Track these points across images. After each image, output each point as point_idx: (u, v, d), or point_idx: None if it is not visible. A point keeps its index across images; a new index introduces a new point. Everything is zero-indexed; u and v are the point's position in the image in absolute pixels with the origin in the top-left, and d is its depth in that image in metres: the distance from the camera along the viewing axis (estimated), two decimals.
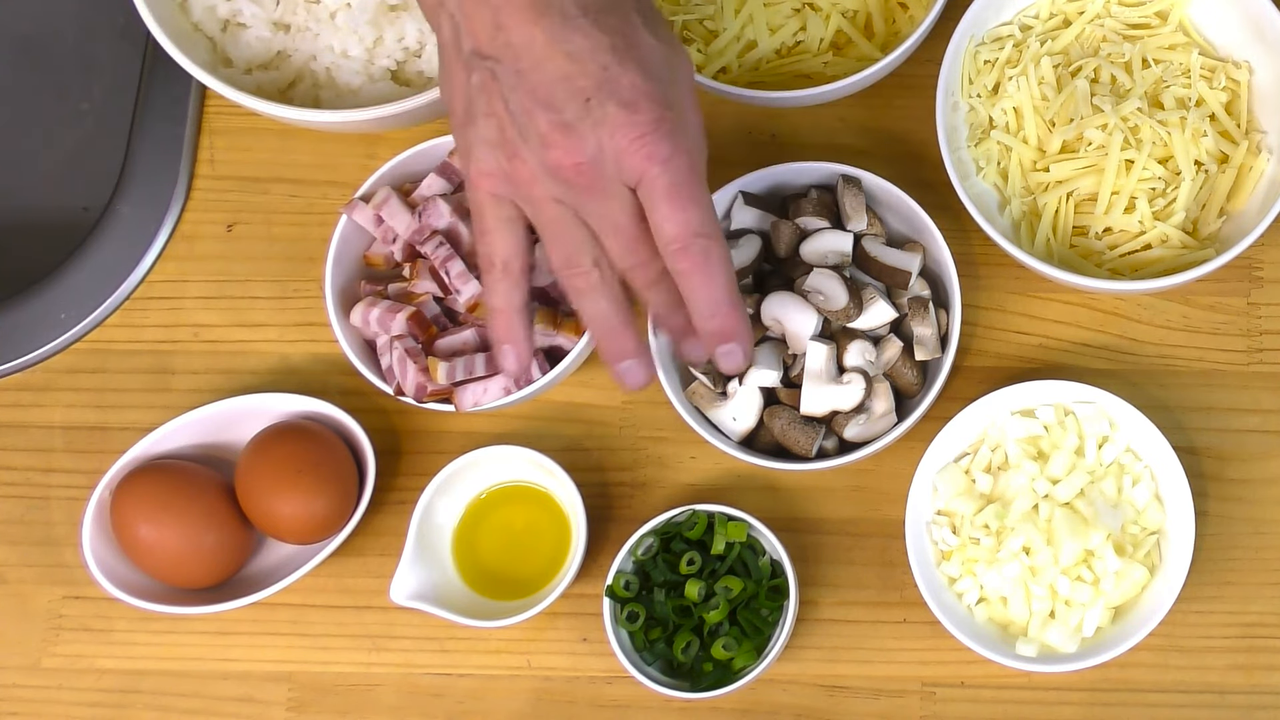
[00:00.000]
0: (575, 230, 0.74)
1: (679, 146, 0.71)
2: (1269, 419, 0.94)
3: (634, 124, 0.70)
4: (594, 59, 0.70)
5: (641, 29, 0.72)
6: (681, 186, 0.71)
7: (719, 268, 0.73)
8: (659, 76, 0.71)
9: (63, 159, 1.09)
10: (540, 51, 0.70)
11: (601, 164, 0.71)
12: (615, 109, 0.70)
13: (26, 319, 0.98)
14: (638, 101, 0.70)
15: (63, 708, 0.93)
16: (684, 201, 0.72)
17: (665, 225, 0.72)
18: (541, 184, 0.72)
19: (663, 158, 0.70)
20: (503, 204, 0.74)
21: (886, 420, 0.89)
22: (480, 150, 0.72)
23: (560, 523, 0.93)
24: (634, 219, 0.73)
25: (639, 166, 0.71)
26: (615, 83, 0.70)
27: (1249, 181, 0.92)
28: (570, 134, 0.70)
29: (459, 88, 0.72)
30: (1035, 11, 0.96)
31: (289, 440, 0.91)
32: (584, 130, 0.70)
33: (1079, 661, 0.87)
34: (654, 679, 0.88)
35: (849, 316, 0.88)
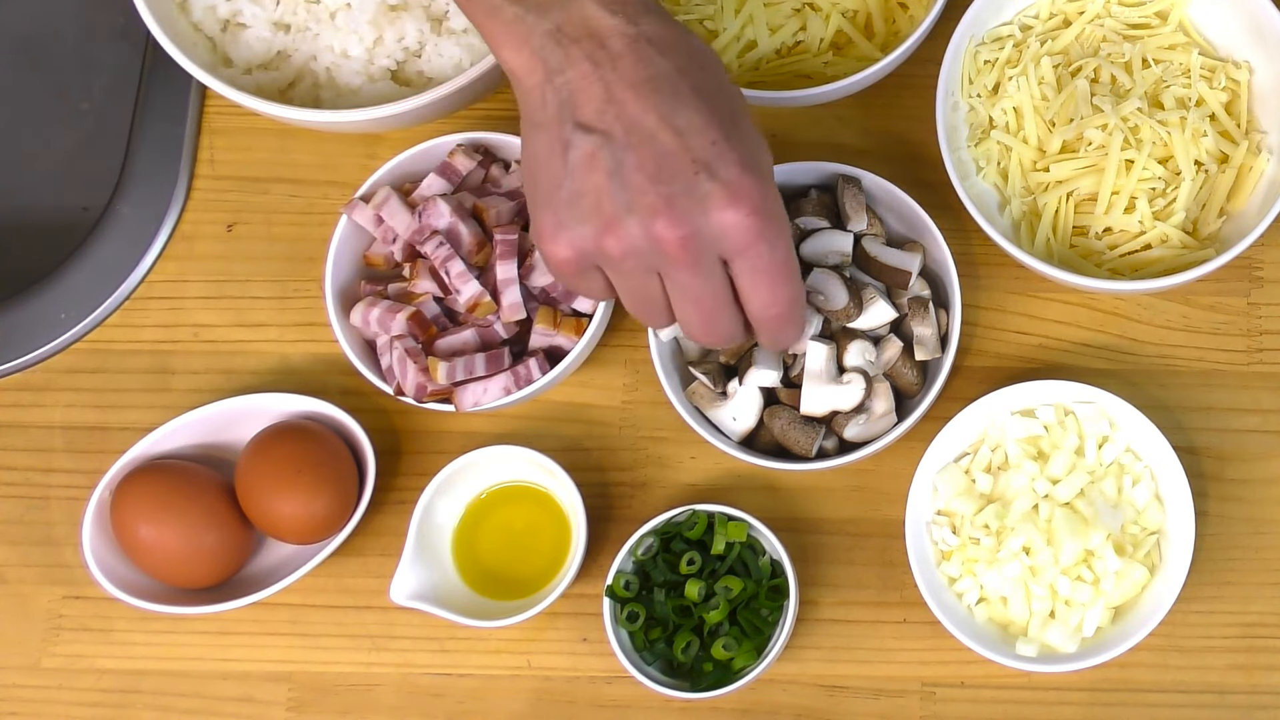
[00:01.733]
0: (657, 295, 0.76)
1: (782, 228, 0.73)
2: (1269, 419, 0.94)
3: (742, 201, 0.71)
4: (704, 135, 0.71)
5: (741, 116, 0.73)
6: (784, 265, 0.74)
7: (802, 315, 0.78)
8: (760, 159, 0.73)
9: (63, 159, 1.09)
10: (651, 126, 0.71)
11: (704, 238, 0.72)
12: (722, 186, 0.71)
13: (26, 319, 0.98)
14: (745, 179, 0.71)
15: (63, 708, 0.93)
16: (784, 278, 0.74)
17: (761, 300, 0.75)
18: (637, 257, 0.73)
19: (770, 237, 0.72)
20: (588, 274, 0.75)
21: (886, 420, 0.89)
22: (572, 223, 0.72)
23: (560, 523, 0.93)
24: (719, 295, 0.75)
25: (743, 243, 0.72)
26: (723, 159, 0.71)
27: (1249, 181, 0.92)
28: (675, 208, 0.71)
29: (554, 160, 0.72)
30: (1035, 11, 0.96)
31: (289, 440, 0.91)
32: (689, 205, 0.71)
33: (1079, 661, 0.87)
34: (654, 679, 0.88)
35: (849, 316, 0.88)
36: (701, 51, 0.74)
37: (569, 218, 0.72)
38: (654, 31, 0.72)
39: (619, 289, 0.76)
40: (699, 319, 0.76)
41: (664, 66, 0.71)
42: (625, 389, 0.96)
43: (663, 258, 0.72)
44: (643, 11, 0.72)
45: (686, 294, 0.75)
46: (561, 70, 0.72)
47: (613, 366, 0.96)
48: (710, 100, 0.72)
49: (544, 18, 0.72)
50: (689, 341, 0.92)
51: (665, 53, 0.72)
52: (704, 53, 0.74)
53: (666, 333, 0.89)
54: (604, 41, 0.71)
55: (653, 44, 0.71)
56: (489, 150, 0.94)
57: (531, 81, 0.73)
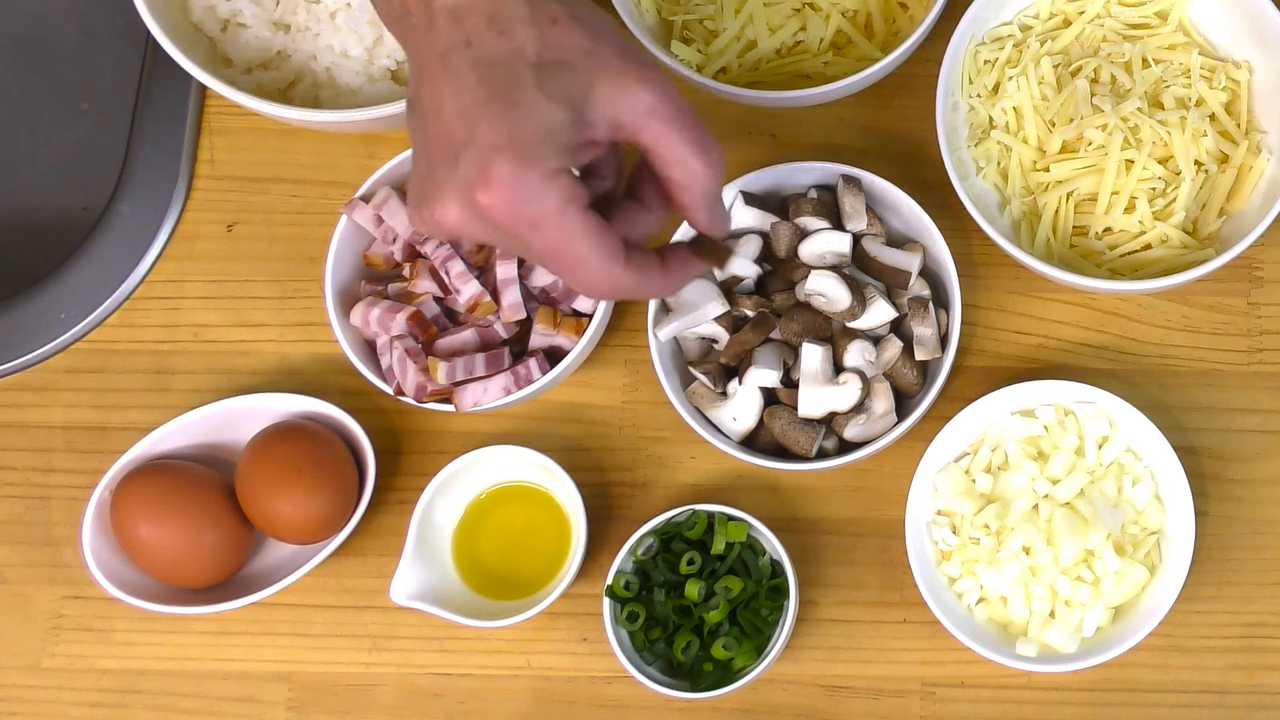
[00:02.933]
0: None
1: (545, 206, 0.68)
2: (1269, 419, 0.94)
3: (486, 188, 0.66)
4: (472, 114, 0.67)
5: (531, 82, 0.68)
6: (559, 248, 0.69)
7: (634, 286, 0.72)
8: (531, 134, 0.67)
9: (63, 159, 1.09)
10: (440, 104, 0.68)
11: (475, 223, 0.68)
12: (474, 172, 0.67)
13: (26, 319, 0.98)
14: (492, 166, 0.66)
15: (63, 708, 0.93)
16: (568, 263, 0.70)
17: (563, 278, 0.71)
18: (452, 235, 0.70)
19: (528, 220, 0.68)
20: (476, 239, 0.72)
21: (886, 420, 0.89)
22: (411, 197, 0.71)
23: (560, 523, 0.93)
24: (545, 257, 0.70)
25: (507, 230, 0.68)
26: (477, 141, 0.66)
27: (1249, 181, 0.92)
28: (443, 194, 0.68)
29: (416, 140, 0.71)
30: (1035, 11, 0.96)
31: (289, 440, 0.91)
32: (448, 194, 0.67)
33: (1079, 661, 0.87)
34: (654, 679, 0.88)
35: (853, 316, 0.88)
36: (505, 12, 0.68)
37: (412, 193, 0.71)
38: None
39: None
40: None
41: (454, 38, 0.67)
42: (625, 389, 0.96)
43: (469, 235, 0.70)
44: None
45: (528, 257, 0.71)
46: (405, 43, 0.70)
47: (613, 366, 0.96)
48: (491, 71, 0.67)
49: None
50: (689, 341, 0.92)
51: (462, 21, 0.67)
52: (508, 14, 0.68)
53: (666, 332, 0.89)
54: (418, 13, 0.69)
55: (454, 13, 0.68)
56: None
57: None
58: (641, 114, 0.69)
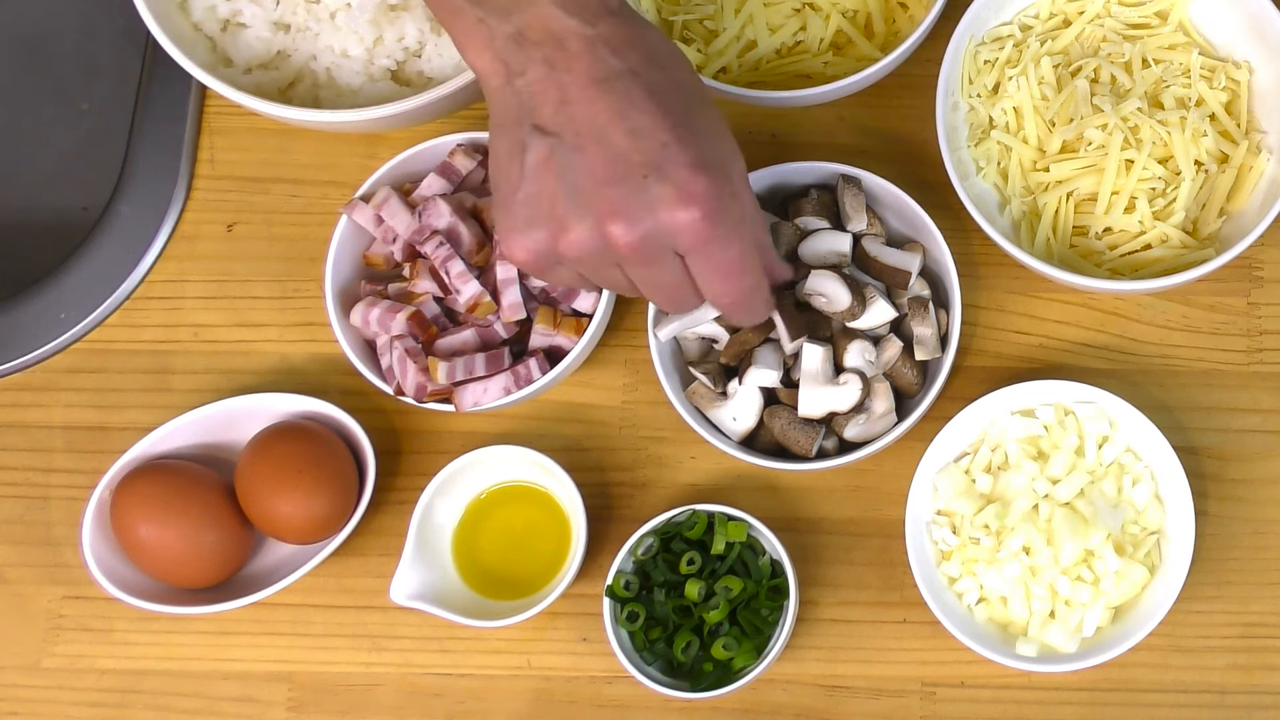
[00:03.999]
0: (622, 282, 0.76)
1: (734, 227, 0.73)
2: (1269, 419, 0.94)
3: (692, 204, 0.71)
4: (654, 137, 0.71)
5: (699, 114, 0.73)
6: (737, 262, 0.74)
7: (763, 303, 0.79)
8: (713, 158, 0.72)
9: (63, 159, 1.09)
10: (602, 128, 0.71)
11: (656, 240, 0.72)
12: (672, 188, 0.71)
13: (26, 319, 0.98)
14: (696, 181, 0.71)
15: (63, 708, 0.93)
16: (738, 273, 0.75)
17: (715, 291, 0.76)
18: (593, 257, 0.73)
19: (721, 237, 0.72)
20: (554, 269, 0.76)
21: (886, 420, 0.89)
22: (527, 226, 0.73)
23: (560, 523, 0.93)
24: (680, 283, 0.75)
25: (695, 244, 0.72)
26: (674, 160, 0.71)
27: (1249, 181, 0.92)
28: (626, 211, 0.71)
29: (513, 163, 0.73)
30: (1035, 11, 0.96)
31: (289, 440, 0.91)
32: (639, 208, 0.71)
33: (1079, 661, 0.87)
34: (654, 679, 0.88)
35: (853, 315, 0.88)
36: (662, 50, 0.74)
37: (524, 220, 0.72)
38: (611, 32, 0.72)
39: (587, 277, 0.76)
40: (662, 300, 0.77)
41: (619, 67, 0.71)
42: (625, 389, 0.96)
43: (618, 257, 0.73)
44: (602, 13, 0.72)
45: (646, 283, 0.76)
46: (521, 72, 0.72)
47: (613, 366, 0.96)
48: (664, 99, 0.71)
49: (506, 21, 0.72)
50: (689, 341, 0.92)
51: (621, 53, 0.71)
52: (665, 51, 0.74)
53: (666, 332, 0.89)
54: (562, 43, 0.71)
55: (609, 45, 0.71)
56: None
57: (494, 83, 0.73)
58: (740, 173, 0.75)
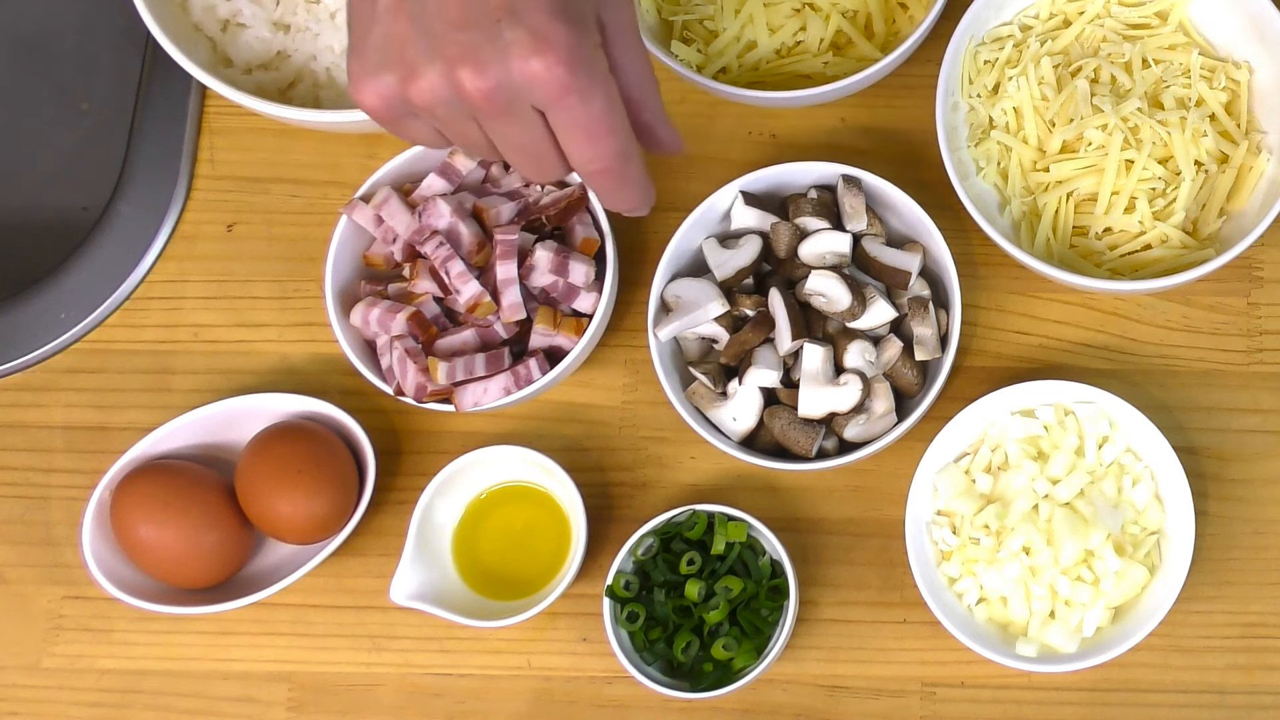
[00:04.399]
0: (480, 140, 0.71)
1: (597, 79, 0.67)
2: (1269, 419, 0.94)
3: (547, 50, 0.65)
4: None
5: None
6: (600, 118, 0.68)
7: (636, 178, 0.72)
8: (577, 6, 0.67)
9: (63, 159, 1.09)
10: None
11: (510, 89, 0.66)
12: (526, 33, 0.65)
13: (26, 319, 0.98)
14: (552, 26, 0.65)
15: (63, 708, 0.93)
16: (603, 132, 0.69)
17: (580, 151, 0.70)
18: (445, 106, 0.68)
19: (580, 88, 0.66)
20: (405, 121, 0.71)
21: (886, 420, 0.89)
22: (377, 70, 0.68)
23: (560, 523, 0.93)
24: (541, 142, 0.69)
25: (551, 95, 0.66)
26: (531, 5, 0.65)
27: (1249, 181, 0.92)
28: (477, 57, 0.66)
29: (366, 6, 0.68)
30: (1035, 11, 0.96)
31: (289, 440, 0.91)
32: (492, 54, 0.66)
33: (1079, 661, 0.87)
34: (654, 679, 0.88)
35: (853, 316, 0.88)
36: None
37: (374, 64, 0.68)
38: None
39: (444, 133, 0.72)
40: (524, 164, 0.72)
41: None
42: (625, 389, 0.96)
43: (471, 109, 0.68)
44: None
45: (505, 141, 0.70)
46: None
47: (613, 366, 0.96)
48: None
49: None
50: (689, 341, 0.92)
51: None
52: None
53: (666, 332, 0.89)
54: None
55: None
56: None
57: None
58: (622, 27, 0.70)
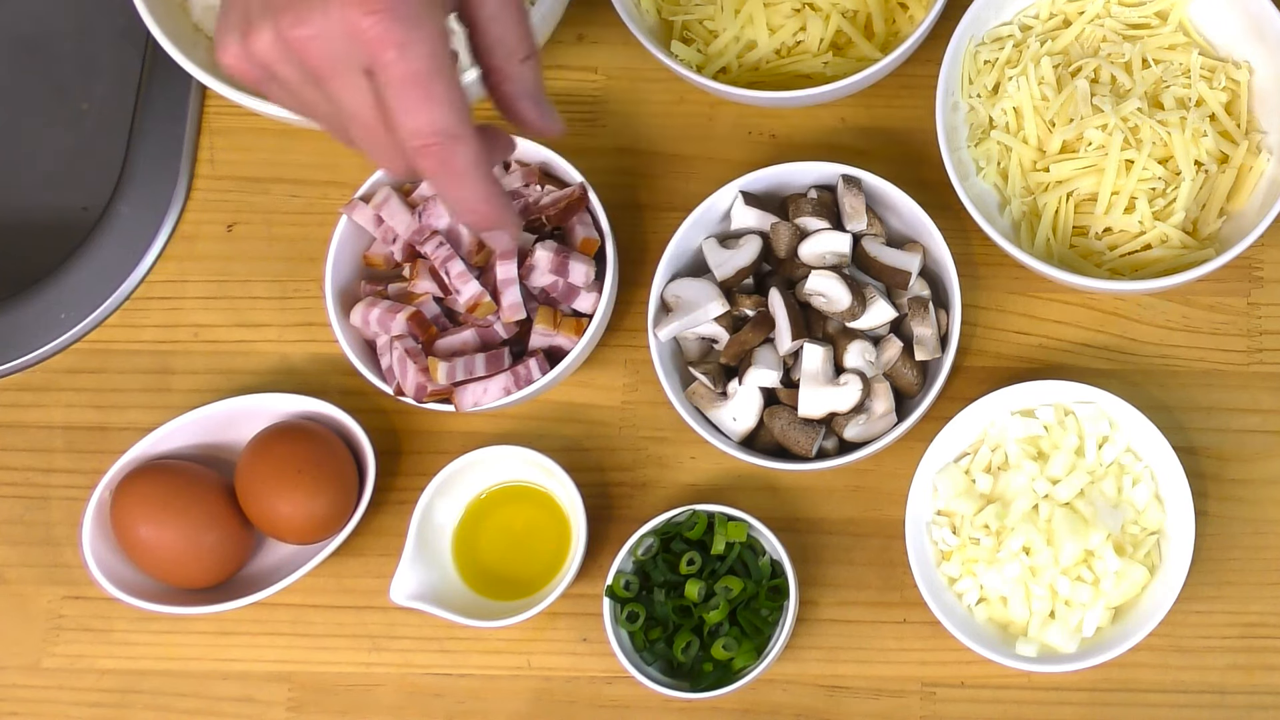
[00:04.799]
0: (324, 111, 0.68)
1: (422, 31, 0.63)
2: (1269, 419, 0.94)
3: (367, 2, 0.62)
4: None
5: None
6: (419, 77, 0.64)
7: (466, 168, 0.66)
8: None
9: (63, 159, 1.09)
10: None
11: (332, 40, 0.63)
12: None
13: (26, 319, 0.98)
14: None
15: (63, 708, 0.93)
16: (421, 96, 0.64)
17: (401, 120, 0.65)
18: (283, 63, 0.65)
19: (397, 41, 0.63)
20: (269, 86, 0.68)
21: (886, 420, 0.89)
22: (225, 29, 0.66)
23: (560, 523, 0.93)
24: (372, 107, 0.65)
25: (370, 49, 0.63)
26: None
27: (1249, 181, 0.92)
28: (297, 6, 0.63)
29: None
30: (1035, 11, 0.96)
31: (289, 440, 0.91)
32: (313, 4, 0.63)
33: (1079, 661, 0.87)
34: (654, 679, 0.88)
35: (853, 316, 0.88)
36: None
37: (226, 26, 0.66)
38: None
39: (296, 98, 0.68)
40: (361, 140, 0.67)
41: None
42: (625, 389, 0.96)
43: (301, 66, 0.65)
44: None
45: (342, 111, 0.66)
46: None
47: (613, 366, 0.96)
48: None
49: None
50: (689, 341, 0.92)
51: None
52: None
53: (666, 332, 0.89)
54: None
55: None
56: None
57: None
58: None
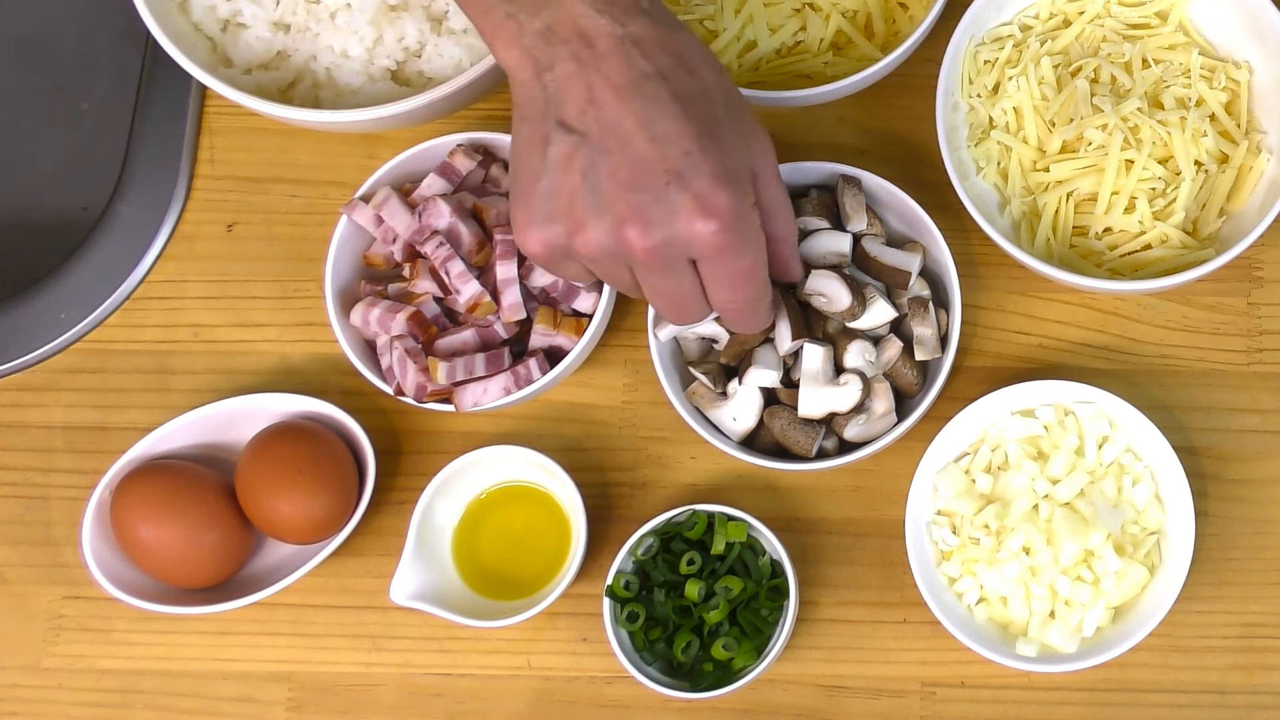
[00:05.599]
0: (630, 283, 0.77)
1: (749, 239, 0.74)
2: (1269, 419, 0.94)
3: (711, 216, 0.71)
4: (679, 144, 0.71)
5: (725, 121, 0.73)
6: (748, 273, 0.75)
7: (765, 312, 0.81)
8: (737, 169, 0.73)
9: (63, 159, 1.09)
10: (628, 131, 0.71)
11: (671, 247, 0.72)
12: (692, 199, 0.71)
13: (26, 319, 0.98)
14: (717, 193, 0.71)
15: (63, 708, 0.93)
16: (747, 284, 0.76)
17: (723, 298, 0.77)
18: (607, 257, 0.73)
19: (737, 248, 0.73)
20: (564, 264, 0.76)
21: (886, 420, 0.89)
22: (544, 220, 0.73)
23: (560, 523, 0.93)
24: (690, 290, 0.76)
25: (710, 253, 0.73)
26: (697, 170, 0.71)
27: (1249, 181, 0.92)
28: (645, 217, 0.71)
29: (534, 155, 0.73)
30: (1035, 11, 0.96)
31: (289, 440, 0.91)
32: (659, 215, 0.71)
33: (1079, 661, 0.87)
34: (654, 679, 0.88)
35: (853, 315, 0.88)
36: (692, 52, 0.74)
37: (541, 214, 0.73)
38: (642, 32, 0.72)
39: (596, 274, 0.77)
40: (668, 309, 0.78)
41: (647, 69, 0.71)
42: (625, 389, 0.96)
43: (631, 260, 0.73)
44: (633, 12, 0.72)
45: (656, 290, 0.76)
46: (550, 67, 0.72)
47: (613, 366, 0.96)
48: (691, 105, 0.72)
49: (535, 17, 0.72)
50: (689, 341, 0.92)
51: (651, 55, 0.72)
52: (695, 53, 0.74)
53: (666, 332, 0.89)
54: (591, 41, 0.72)
55: (639, 45, 0.72)
56: (489, 150, 0.94)
57: (522, 77, 0.73)
58: (767, 171, 0.76)
